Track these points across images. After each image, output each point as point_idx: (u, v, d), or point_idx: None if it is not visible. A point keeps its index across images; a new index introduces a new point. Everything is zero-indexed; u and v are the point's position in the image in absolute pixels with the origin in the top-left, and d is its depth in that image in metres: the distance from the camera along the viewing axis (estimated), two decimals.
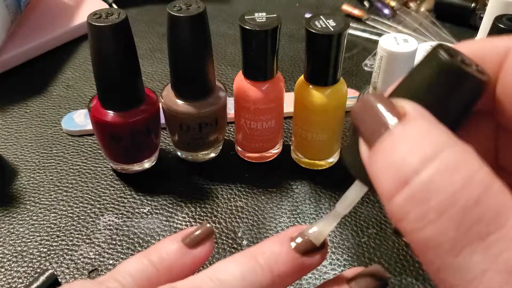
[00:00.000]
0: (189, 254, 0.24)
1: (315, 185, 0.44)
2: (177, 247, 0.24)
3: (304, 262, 0.22)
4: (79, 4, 0.65)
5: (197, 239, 0.24)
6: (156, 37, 0.65)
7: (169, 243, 0.24)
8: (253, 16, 0.38)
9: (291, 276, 0.22)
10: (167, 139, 0.49)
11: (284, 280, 0.22)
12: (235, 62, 0.60)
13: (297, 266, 0.22)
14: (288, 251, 0.22)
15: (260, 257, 0.22)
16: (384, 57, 0.37)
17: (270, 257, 0.22)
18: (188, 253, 0.24)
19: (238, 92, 0.41)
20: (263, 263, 0.22)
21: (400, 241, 0.39)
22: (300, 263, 0.22)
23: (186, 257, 0.24)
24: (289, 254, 0.22)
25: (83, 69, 0.59)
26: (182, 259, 0.24)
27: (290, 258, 0.22)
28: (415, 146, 0.16)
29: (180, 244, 0.24)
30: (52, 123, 0.51)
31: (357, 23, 0.66)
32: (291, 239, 0.22)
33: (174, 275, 0.23)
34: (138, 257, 0.24)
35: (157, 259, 0.23)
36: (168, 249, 0.24)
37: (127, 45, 0.38)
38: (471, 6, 0.64)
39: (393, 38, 0.37)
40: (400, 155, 0.16)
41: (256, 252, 0.22)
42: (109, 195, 0.43)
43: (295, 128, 0.43)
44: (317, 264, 0.23)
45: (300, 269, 0.22)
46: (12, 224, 0.41)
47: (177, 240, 0.24)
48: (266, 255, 0.22)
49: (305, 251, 0.22)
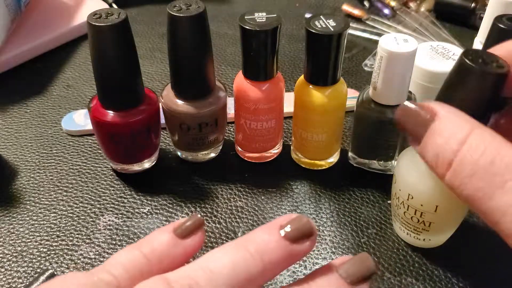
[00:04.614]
0: (181, 244, 0.24)
1: (315, 185, 0.44)
2: (168, 237, 0.24)
3: (294, 249, 0.22)
4: (79, 4, 0.65)
5: (188, 230, 0.24)
6: (156, 37, 0.65)
7: (160, 234, 0.24)
8: (253, 16, 0.38)
9: (281, 264, 0.22)
10: (167, 139, 0.49)
11: (275, 268, 0.22)
12: (235, 62, 0.60)
13: (287, 254, 0.22)
14: (278, 239, 0.22)
15: (250, 246, 0.22)
16: (384, 57, 0.37)
17: (260, 246, 0.22)
18: (180, 244, 0.24)
19: (238, 92, 0.41)
20: (254, 252, 0.22)
21: (400, 241, 0.39)
22: (290, 250, 0.22)
23: (178, 248, 0.24)
24: (279, 242, 0.22)
25: (83, 69, 0.59)
26: (174, 250, 0.24)
27: (280, 246, 0.22)
28: (450, 135, 0.23)
29: (171, 235, 0.24)
30: (52, 123, 0.51)
31: (357, 23, 0.66)
32: (280, 227, 0.22)
33: (166, 266, 0.23)
34: (130, 249, 0.24)
35: (148, 250, 0.23)
36: (159, 240, 0.24)
37: (127, 45, 0.38)
38: (471, 6, 0.64)
39: (393, 38, 0.37)
40: (441, 144, 0.23)
41: (247, 241, 0.22)
42: (109, 195, 0.43)
43: (295, 128, 0.43)
44: (307, 251, 0.23)
45: (290, 257, 0.22)
46: (12, 224, 0.41)
47: (168, 231, 0.24)
48: (256, 244, 0.22)
49: (295, 239, 0.22)
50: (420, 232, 0.36)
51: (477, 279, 0.36)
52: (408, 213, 0.36)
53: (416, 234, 0.37)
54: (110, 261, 0.23)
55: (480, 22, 0.48)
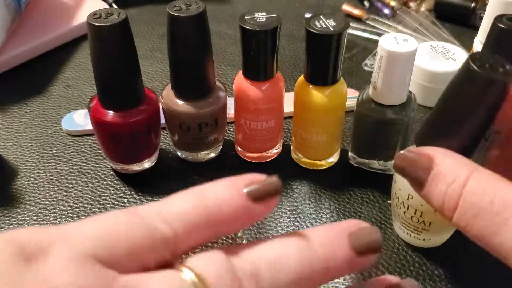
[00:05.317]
0: (250, 209, 0.22)
1: (315, 185, 0.44)
2: (238, 197, 0.22)
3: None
4: (79, 4, 0.65)
5: (263, 194, 0.22)
6: (156, 37, 0.65)
7: (231, 189, 0.22)
8: (253, 16, 0.38)
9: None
10: (167, 139, 0.49)
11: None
12: (235, 62, 0.60)
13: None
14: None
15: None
16: (384, 57, 0.37)
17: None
18: (249, 208, 0.22)
19: (238, 92, 0.41)
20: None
21: (400, 241, 0.39)
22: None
23: (245, 212, 0.22)
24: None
25: (83, 69, 0.59)
26: (241, 213, 0.22)
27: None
28: (452, 182, 0.25)
29: (243, 195, 0.22)
30: (52, 123, 0.51)
31: (357, 23, 0.66)
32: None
33: (225, 228, 0.22)
34: (194, 199, 0.22)
35: (215, 209, 0.21)
36: (227, 196, 0.22)
37: (127, 45, 0.38)
38: (471, 6, 0.64)
39: (393, 38, 0.37)
40: (445, 191, 0.25)
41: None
42: (109, 195, 0.43)
43: (295, 128, 0.43)
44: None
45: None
46: (12, 224, 0.41)
47: (240, 188, 0.22)
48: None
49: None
50: (420, 232, 0.36)
51: (477, 279, 0.36)
52: (408, 213, 0.36)
53: (416, 234, 0.37)
54: (169, 208, 0.21)
55: (480, 22, 0.48)
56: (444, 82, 0.29)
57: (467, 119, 0.27)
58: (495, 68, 0.25)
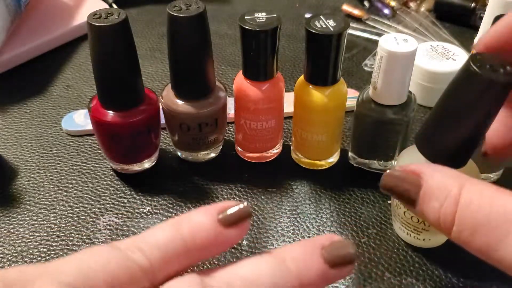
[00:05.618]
0: (223, 234, 0.22)
1: (315, 185, 0.44)
2: (211, 224, 0.22)
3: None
4: (79, 4, 0.65)
5: (233, 219, 0.23)
6: (156, 37, 0.65)
7: (203, 216, 0.22)
8: (253, 16, 0.38)
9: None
10: (167, 139, 0.49)
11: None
12: (235, 62, 0.60)
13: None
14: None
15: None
16: (384, 57, 0.37)
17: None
18: (222, 234, 0.22)
19: (238, 92, 0.41)
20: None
21: (400, 241, 0.39)
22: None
23: (218, 238, 0.22)
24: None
25: (83, 69, 0.59)
26: (214, 239, 0.22)
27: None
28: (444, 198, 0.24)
29: (215, 222, 0.22)
30: (52, 123, 0.51)
31: (357, 23, 0.66)
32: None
33: (201, 254, 0.22)
34: (169, 229, 0.22)
35: (189, 236, 0.22)
36: (201, 223, 0.22)
37: (127, 45, 0.38)
38: (471, 6, 0.64)
39: (393, 38, 0.37)
40: (438, 208, 0.24)
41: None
42: (109, 195, 0.43)
43: (295, 128, 0.44)
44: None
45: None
46: (12, 224, 0.41)
47: (212, 214, 0.23)
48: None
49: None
50: (420, 232, 0.36)
51: (477, 279, 0.36)
52: (408, 213, 0.36)
53: (416, 234, 0.37)
54: (145, 239, 0.22)
55: (480, 22, 0.48)
56: (444, 82, 0.29)
57: (467, 120, 0.27)
58: (495, 69, 0.25)
